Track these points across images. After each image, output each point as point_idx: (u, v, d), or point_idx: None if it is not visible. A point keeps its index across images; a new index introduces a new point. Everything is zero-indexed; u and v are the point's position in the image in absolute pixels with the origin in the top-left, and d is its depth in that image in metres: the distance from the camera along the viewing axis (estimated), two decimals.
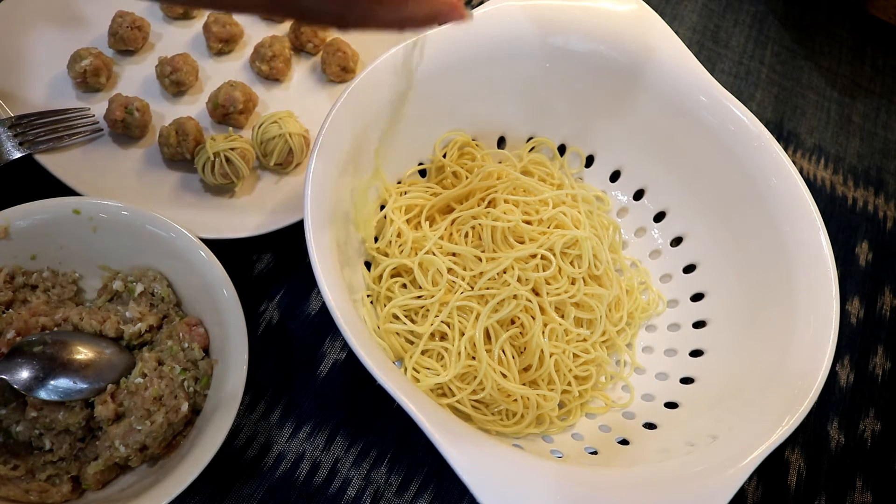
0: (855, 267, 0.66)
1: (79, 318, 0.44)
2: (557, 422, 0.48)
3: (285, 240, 0.53)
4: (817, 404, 0.41)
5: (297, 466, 0.48)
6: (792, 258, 0.48)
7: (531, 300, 0.48)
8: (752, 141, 0.51)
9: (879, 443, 0.58)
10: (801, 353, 0.44)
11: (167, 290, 0.48)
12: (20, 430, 0.42)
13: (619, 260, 0.56)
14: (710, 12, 0.80)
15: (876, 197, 0.71)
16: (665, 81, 0.53)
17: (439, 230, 0.51)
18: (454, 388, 0.46)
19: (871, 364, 0.61)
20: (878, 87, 0.80)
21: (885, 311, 0.64)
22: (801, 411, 0.41)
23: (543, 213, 0.51)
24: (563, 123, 0.57)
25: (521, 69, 0.53)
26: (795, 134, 0.74)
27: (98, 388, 0.42)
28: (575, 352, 0.49)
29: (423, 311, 0.48)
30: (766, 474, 0.54)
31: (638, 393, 0.51)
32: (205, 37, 0.61)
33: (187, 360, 0.45)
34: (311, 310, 0.53)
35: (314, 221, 0.41)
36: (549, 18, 0.53)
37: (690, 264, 0.55)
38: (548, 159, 0.58)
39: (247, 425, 0.49)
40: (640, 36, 0.53)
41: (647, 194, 0.58)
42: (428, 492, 0.49)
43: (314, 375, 0.51)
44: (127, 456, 0.41)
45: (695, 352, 0.51)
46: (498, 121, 0.57)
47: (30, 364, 0.41)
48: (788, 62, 0.79)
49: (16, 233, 0.45)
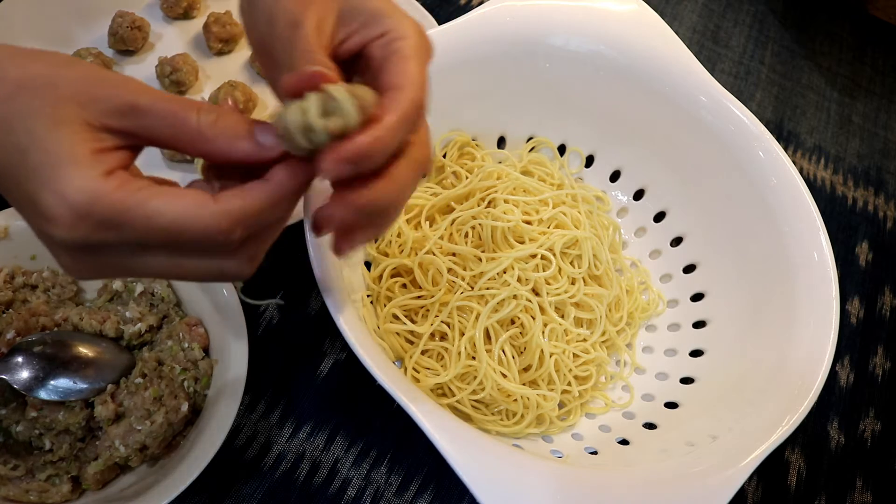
0: (855, 267, 0.66)
1: (79, 318, 0.44)
2: (557, 422, 0.48)
3: (285, 240, 0.52)
4: (817, 404, 0.41)
5: (297, 466, 0.48)
6: (792, 258, 0.48)
7: (531, 300, 0.48)
8: (752, 141, 0.51)
9: (879, 443, 0.58)
10: (801, 353, 0.44)
11: (167, 290, 0.48)
12: (20, 430, 0.42)
13: (619, 260, 0.56)
14: (710, 12, 0.80)
15: (876, 197, 0.71)
16: (665, 81, 0.53)
17: (439, 230, 0.51)
18: (454, 388, 0.46)
19: (871, 364, 0.61)
20: (878, 87, 0.80)
21: (885, 311, 0.64)
22: (801, 411, 0.41)
23: (543, 213, 0.51)
24: (563, 123, 0.57)
25: (521, 69, 0.53)
26: (795, 134, 0.74)
27: (98, 388, 0.42)
28: (575, 352, 0.49)
29: (423, 311, 0.48)
30: (766, 474, 0.54)
31: (638, 393, 0.51)
32: (205, 37, 0.61)
33: (187, 360, 0.45)
34: (311, 310, 0.53)
35: None
36: (549, 18, 0.53)
37: (690, 264, 0.55)
38: (548, 159, 0.58)
39: (247, 425, 0.49)
40: (640, 36, 0.53)
41: (647, 194, 0.58)
42: (428, 492, 0.49)
43: (314, 375, 0.51)
44: (127, 456, 0.41)
45: (695, 352, 0.51)
46: (498, 121, 0.57)
47: (30, 364, 0.41)
48: (788, 62, 0.79)
49: (16, 233, 0.45)
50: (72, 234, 0.26)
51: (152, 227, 0.27)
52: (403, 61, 0.31)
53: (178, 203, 0.27)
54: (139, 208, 0.26)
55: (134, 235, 0.27)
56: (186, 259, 0.29)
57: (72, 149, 0.26)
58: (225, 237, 0.28)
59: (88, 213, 0.26)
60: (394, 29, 0.31)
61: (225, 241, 0.28)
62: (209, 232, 0.27)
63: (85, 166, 0.26)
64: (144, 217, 0.26)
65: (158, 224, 0.27)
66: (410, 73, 0.30)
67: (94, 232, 0.26)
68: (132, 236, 0.27)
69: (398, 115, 0.29)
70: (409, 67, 0.30)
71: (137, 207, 0.26)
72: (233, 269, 0.30)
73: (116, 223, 0.26)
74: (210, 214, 0.27)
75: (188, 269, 0.29)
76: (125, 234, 0.27)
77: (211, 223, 0.27)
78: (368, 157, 0.28)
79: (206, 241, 0.28)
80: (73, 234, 0.26)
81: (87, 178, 0.26)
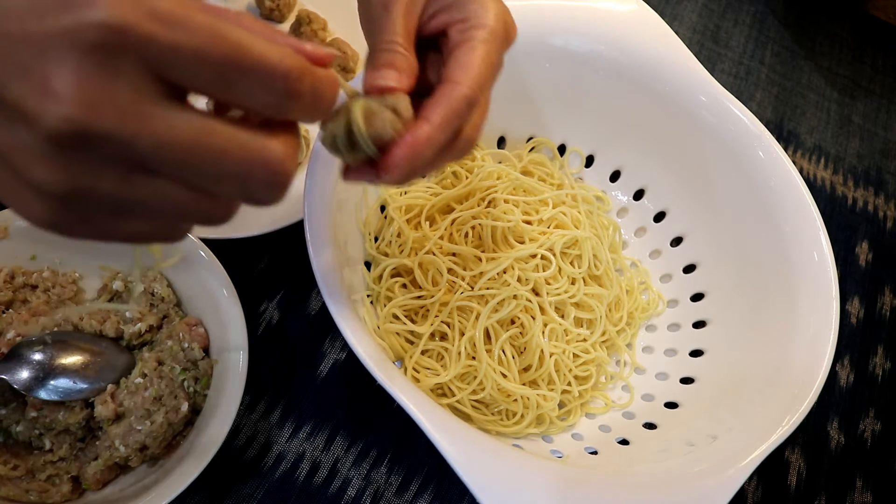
0: (855, 267, 0.66)
1: (79, 318, 0.44)
2: (557, 422, 0.48)
3: (285, 240, 0.53)
4: (817, 404, 0.41)
5: (297, 466, 0.48)
6: (792, 258, 0.48)
7: (531, 300, 0.48)
8: (752, 141, 0.51)
9: (879, 443, 0.58)
10: (801, 354, 0.44)
11: (167, 290, 0.48)
12: (20, 430, 0.42)
13: (619, 260, 0.56)
14: (710, 12, 0.80)
15: (876, 197, 0.71)
16: (665, 81, 0.53)
17: (439, 230, 0.51)
18: (454, 388, 0.46)
19: (871, 364, 0.61)
20: (878, 87, 0.80)
21: (885, 311, 0.64)
22: (801, 411, 0.41)
23: (543, 213, 0.51)
24: (564, 123, 0.57)
25: (521, 69, 0.53)
26: (795, 134, 0.74)
27: (98, 388, 0.42)
28: (575, 352, 0.49)
29: (423, 311, 0.49)
30: (766, 474, 0.54)
31: (638, 393, 0.51)
32: None
33: (187, 360, 0.45)
34: (311, 310, 0.53)
35: (314, 222, 0.41)
36: (549, 18, 0.53)
37: (690, 264, 0.55)
38: (548, 159, 0.58)
39: (247, 425, 0.49)
40: (640, 36, 0.53)
41: (647, 194, 0.58)
42: (428, 492, 0.49)
43: (314, 375, 0.51)
44: (127, 456, 0.42)
45: (695, 352, 0.51)
46: (498, 121, 0.57)
47: (30, 364, 0.41)
48: (788, 62, 0.79)
49: (16, 233, 0.45)
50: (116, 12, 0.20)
51: (223, 41, 0.21)
52: (469, 53, 0.32)
53: (245, 31, 0.22)
54: (212, 20, 0.21)
55: (190, 43, 0.21)
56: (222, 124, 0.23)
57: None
58: (297, 75, 0.23)
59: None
60: (475, 16, 0.33)
61: (295, 87, 0.23)
62: (283, 62, 0.23)
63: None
64: (214, 29, 0.21)
65: (230, 41, 0.21)
66: (471, 66, 0.32)
67: (146, 21, 0.20)
68: (187, 42, 0.21)
69: (443, 114, 0.31)
70: (472, 60, 0.32)
71: (211, 18, 0.21)
72: (278, 155, 0.24)
73: (179, 20, 0.21)
74: (283, 49, 0.23)
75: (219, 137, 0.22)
76: (180, 37, 0.21)
77: (286, 52, 0.23)
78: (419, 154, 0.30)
79: (275, 73, 0.23)
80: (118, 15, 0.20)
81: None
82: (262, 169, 0.24)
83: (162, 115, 0.21)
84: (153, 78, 0.21)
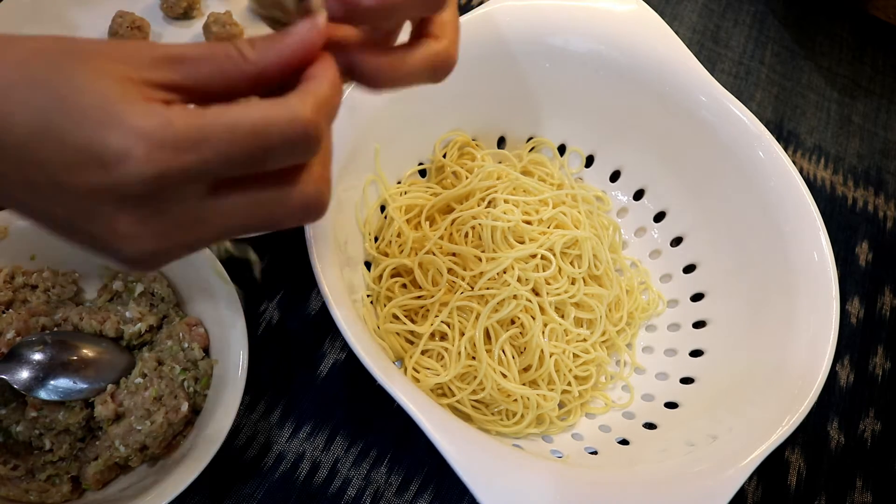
0: (855, 267, 0.66)
1: (79, 318, 0.44)
2: (557, 422, 0.48)
3: (285, 240, 0.53)
4: (817, 404, 0.41)
5: (297, 466, 0.48)
6: (792, 258, 0.48)
7: (531, 300, 0.48)
8: (751, 141, 0.51)
9: (879, 443, 0.58)
10: (801, 353, 0.44)
11: (167, 290, 0.48)
12: (20, 430, 0.42)
13: (619, 260, 0.56)
14: (710, 12, 0.80)
15: (876, 197, 0.71)
16: (665, 81, 0.53)
17: (439, 230, 0.51)
18: (454, 388, 0.47)
19: (871, 364, 0.61)
20: (878, 87, 0.80)
21: (885, 311, 0.64)
22: (801, 411, 0.41)
23: (543, 213, 0.51)
24: (563, 123, 0.57)
25: (521, 69, 0.53)
26: (795, 134, 0.74)
27: (98, 388, 0.42)
28: (575, 352, 0.49)
29: (423, 311, 0.49)
30: (766, 474, 0.54)
31: (638, 393, 0.51)
32: (205, 37, 0.61)
33: (187, 360, 0.45)
34: (311, 310, 0.53)
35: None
36: (549, 18, 0.53)
37: (690, 264, 0.55)
38: (548, 159, 0.58)
39: (247, 425, 0.49)
40: (640, 36, 0.53)
41: (647, 194, 0.58)
42: (428, 492, 0.49)
43: (314, 375, 0.51)
44: (127, 456, 0.41)
45: (695, 352, 0.51)
46: (498, 121, 0.57)
47: (30, 364, 0.41)
48: (788, 62, 0.79)
49: (15, 233, 0.45)
50: (149, 166, 0.23)
51: (237, 133, 0.24)
52: None
53: (255, 107, 0.25)
54: (218, 119, 0.24)
55: (217, 153, 0.24)
56: (267, 191, 0.27)
57: (123, 91, 0.24)
58: (314, 126, 0.26)
59: (165, 137, 0.23)
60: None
61: (315, 134, 0.26)
62: (297, 122, 0.25)
63: (144, 102, 0.24)
64: (226, 126, 0.24)
65: (243, 128, 0.24)
66: None
67: (174, 157, 0.23)
68: (215, 155, 0.24)
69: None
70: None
71: (216, 119, 0.24)
72: (314, 192, 0.28)
73: (197, 139, 0.24)
74: (291, 106, 0.25)
75: (269, 203, 0.27)
76: (207, 154, 0.24)
77: (298, 110, 0.25)
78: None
79: (295, 134, 0.25)
80: (151, 167, 0.23)
81: (153, 108, 0.24)
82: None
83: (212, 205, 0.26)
84: (196, 189, 0.25)
